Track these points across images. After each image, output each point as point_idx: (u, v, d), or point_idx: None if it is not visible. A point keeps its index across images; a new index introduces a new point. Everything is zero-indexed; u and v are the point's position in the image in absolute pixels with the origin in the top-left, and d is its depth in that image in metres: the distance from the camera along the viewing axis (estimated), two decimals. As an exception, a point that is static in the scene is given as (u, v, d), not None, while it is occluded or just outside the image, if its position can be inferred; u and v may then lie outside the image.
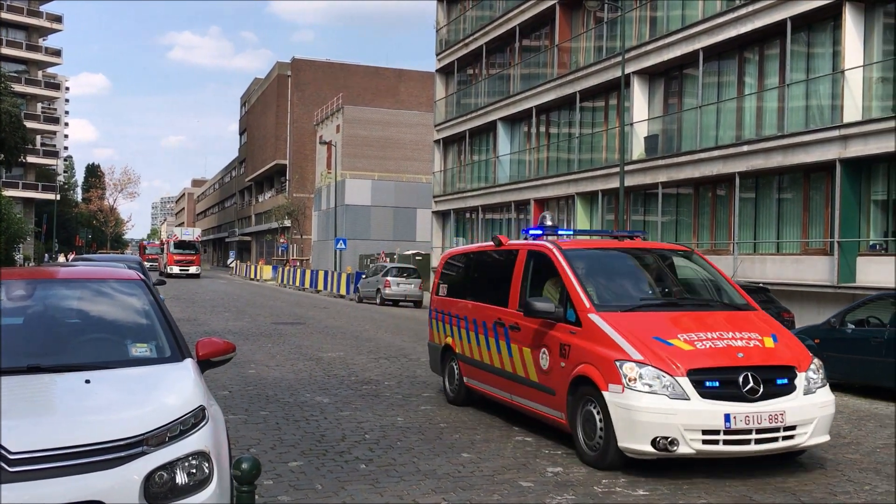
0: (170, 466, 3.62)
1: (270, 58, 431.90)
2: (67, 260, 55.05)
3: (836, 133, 18.42)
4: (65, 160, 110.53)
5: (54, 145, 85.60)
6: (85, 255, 20.72)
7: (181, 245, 58.20)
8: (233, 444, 7.31)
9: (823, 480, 6.96)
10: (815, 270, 19.04)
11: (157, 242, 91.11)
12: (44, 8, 72.37)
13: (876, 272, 17.58)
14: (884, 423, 9.95)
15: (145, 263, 65.93)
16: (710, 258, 22.26)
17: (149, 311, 5.00)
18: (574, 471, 6.95)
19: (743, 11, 21.13)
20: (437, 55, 41.74)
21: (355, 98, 71.49)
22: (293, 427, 8.31)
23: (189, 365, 4.54)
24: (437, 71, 42.04)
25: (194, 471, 3.69)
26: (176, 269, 55.46)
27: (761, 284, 17.65)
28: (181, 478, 3.65)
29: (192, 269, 56.90)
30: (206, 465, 3.74)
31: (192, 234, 61.53)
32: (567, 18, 30.32)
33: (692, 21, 23.25)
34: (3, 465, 3.33)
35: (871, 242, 18.34)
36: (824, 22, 19.62)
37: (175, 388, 4.19)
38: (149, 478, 3.55)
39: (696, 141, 22.96)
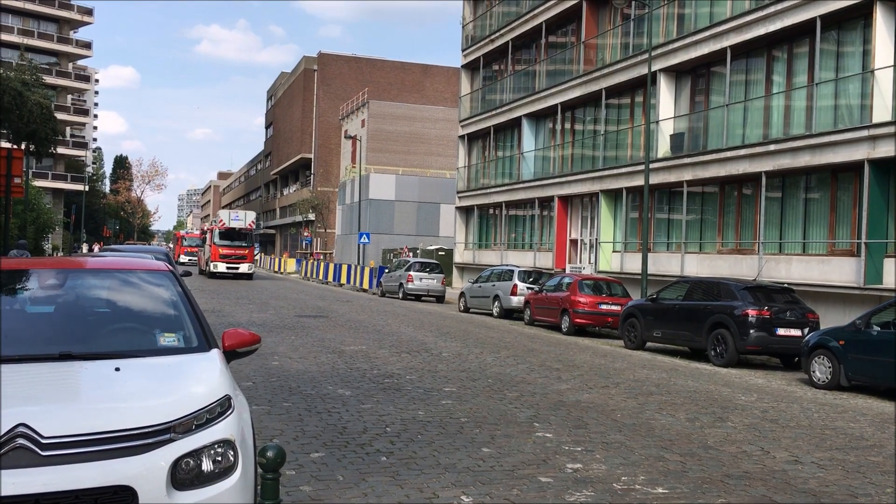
0: (196, 454, 3.70)
1: (297, 52, 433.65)
2: (92, 251, 55.55)
3: (864, 133, 18.22)
4: (93, 151, 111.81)
5: (83, 137, 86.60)
6: (112, 246, 21.02)
7: (230, 234, 41.68)
8: (256, 434, 7.43)
9: (845, 483, 6.93)
10: (842, 271, 18.86)
11: (198, 232, 73.50)
12: (74, 1, 73.20)
13: (903, 274, 17.38)
14: (908, 426, 9.87)
15: (184, 258, 61.59)
16: (734, 258, 22.18)
17: (177, 301, 5.08)
18: (594, 468, 6.98)
19: (772, 9, 20.94)
20: (463, 51, 41.75)
21: (381, 93, 71.64)
22: (315, 419, 8.39)
23: (216, 355, 4.62)
24: (462, 66, 42.05)
25: (220, 458, 3.77)
26: (222, 267, 40.85)
27: (786, 285, 17.53)
28: (207, 465, 3.72)
29: (243, 268, 41.39)
30: (232, 452, 3.81)
31: (245, 219, 42.62)
32: (594, 15, 30.21)
33: (720, 19, 23.08)
34: (36, 448, 3.43)
35: (899, 244, 18.14)
36: (854, 21, 19.40)
37: (202, 377, 4.27)
38: (176, 464, 3.63)
39: (723, 139, 22.80)
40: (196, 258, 53.46)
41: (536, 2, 34.02)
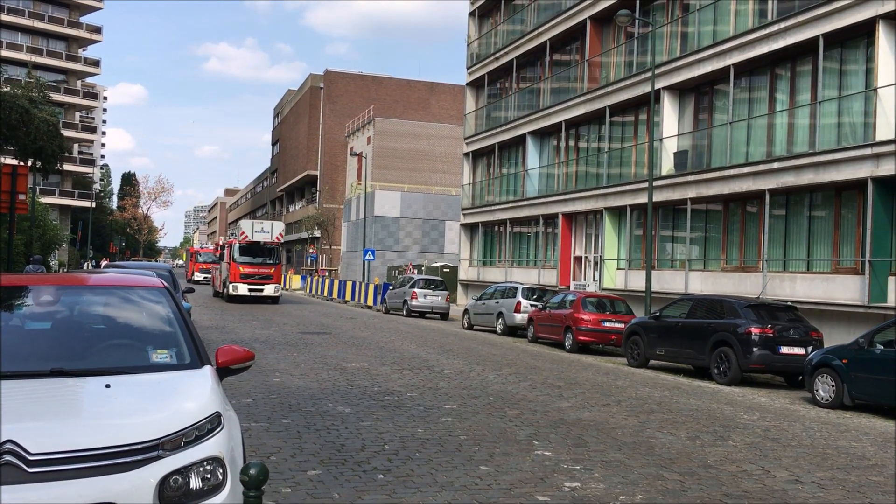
0: (184, 471, 3.69)
1: (304, 70, 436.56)
2: (100, 266, 55.61)
3: (868, 151, 18.20)
4: (101, 168, 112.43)
5: (91, 154, 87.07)
6: (117, 263, 21.12)
7: (253, 249, 34.96)
8: (254, 452, 7.42)
9: (845, 503, 6.88)
10: (846, 290, 18.78)
11: (211, 247, 65.59)
12: (84, 19, 73.83)
13: (908, 292, 17.30)
14: (911, 446, 9.79)
15: (199, 276, 57.54)
16: (738, 275, 22.11)
17: (171, 318, 5.10)
18: (592, 487, 6.93)
19: (775, 28, 21.01)
20: (468, 69, 41.93)
21: (387, 110, 71.92)
22: (314, 436, 8.38)
23: (207, 372, 4.62)
24: (467, 84, 42.22)
25: (208, 476, 3.76)
26: (243, 289, 34.21)
27: (789, 303, 17.48)
28: (195, 482, 3.72)
29: (269, 290, 34.82)
30: (221, 470, 3.81)
31: (271, 230, 35.69)
32: (598, 33, 30.33)
33: (723, 37, 23.15)
34: (23, 465, 3.43)
35: (903, 262, 18.07)
36: (857, 39, 19.44)
37: (193, 394, 4.26)
38: (164, 481, 3.62)
39: (727, 157, 22.81)
40: (209, 277, 47.20)
41: (541, 20, 34.19)
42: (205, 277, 55.26)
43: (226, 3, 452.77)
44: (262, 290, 34.62)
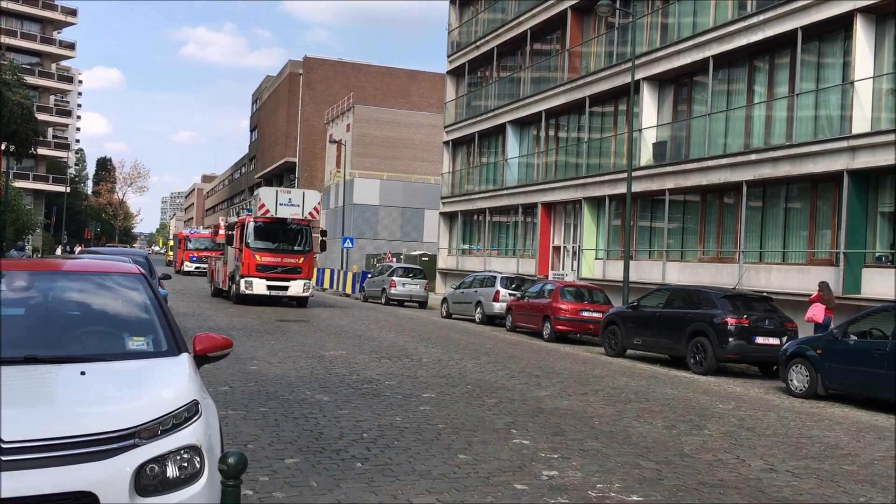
0: (161, 459, 3.65)
1: (284, 56, 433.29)
2: (74, 252, 54.88)
3: (844, 144, 18.38)
4: (76, 153, 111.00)
5: (66, 138, 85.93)
6: (92, 249, 20.88)
7: (274, 231, 26.23)
8: (231, 440, 7.37)
9: (818, 491, 6.96)
10: (820, 280, 18.95)
11: (206, 231, 54.05)
12: (59, 1, 72.75)
13: (881, 284, 17.53)
14: (883, 435, 9.93)
15: (189, 266, 51.77)
16: (715, 266, 22.27)
17: (148, 305, 5.03)
18: (569, 475, 6.97)
19: (754, 20, 21.11)
20: (449, 57, 41.80)
21: (366, 98, 71.57)
22: (292, 424, 8.34)
23: (185, 359, 4.57)
24: (447, 72, 42.09)
25: (185, 464, 3.73)
26: (260, 286, 25.53)
27: (765, 294, 17.64)
28: (172, 471, 3.68)
29: (295, 287, 26.11)
30: (198, 459, 3.77)
31: (302, 203, 26.34)
32: (578, 23, 30.33)
33: (703, 29, 23.24)
34: (-3, 453, 3.37)
35: (876, 254, 18.29)
36: (835, 32, 19.58)
37: (169, 381, 4.22)
38: (140, 470, 3.58)
39: (705, 148, 22.93)
40: (207, 267, 37.53)
41: (521, 9, 34.13)
42: (197, 268, 47.08)
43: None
44: (286, 288, 26.00)
